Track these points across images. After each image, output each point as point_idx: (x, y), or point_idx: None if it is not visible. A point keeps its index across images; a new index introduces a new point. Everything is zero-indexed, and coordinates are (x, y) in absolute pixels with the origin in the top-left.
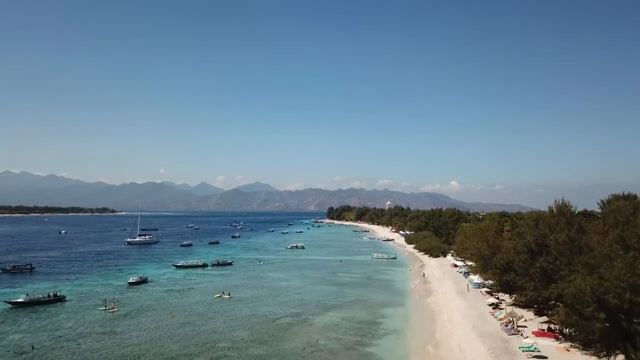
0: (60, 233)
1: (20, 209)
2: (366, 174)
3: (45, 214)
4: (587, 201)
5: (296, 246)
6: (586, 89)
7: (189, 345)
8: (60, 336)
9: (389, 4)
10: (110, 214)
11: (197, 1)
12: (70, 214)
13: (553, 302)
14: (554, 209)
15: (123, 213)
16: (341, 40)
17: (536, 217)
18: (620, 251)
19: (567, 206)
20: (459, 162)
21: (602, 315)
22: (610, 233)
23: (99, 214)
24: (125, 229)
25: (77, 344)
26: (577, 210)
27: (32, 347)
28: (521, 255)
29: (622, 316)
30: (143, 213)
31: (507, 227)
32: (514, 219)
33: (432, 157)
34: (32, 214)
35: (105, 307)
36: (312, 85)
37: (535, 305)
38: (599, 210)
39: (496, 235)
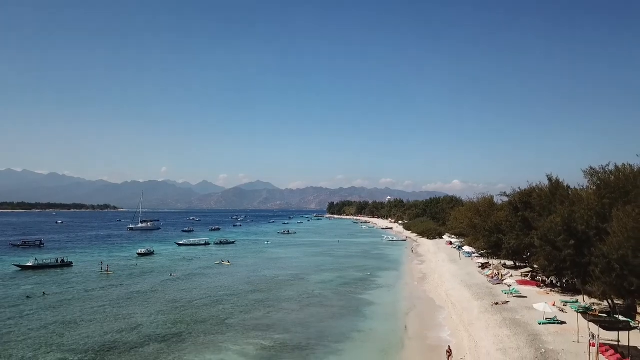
0: (57, 223)
1: (22, 205)
2: (368, 173)
3: (48, 210)
4: None
5: (288, 231)
6: (587, 89)
7: (191, 293)
8: (69, 287)
9: (392, 3)
10: (112, 210)
11: (200, 0)
12: (72, 210)
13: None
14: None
15: (124, 210)
16: (343, 39)
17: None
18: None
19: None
20: (462, 161)
21: (572, 242)
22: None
23: (101, 211)
24: (120, 221)
25: (86, 292)
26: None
27: (44, 293)
28: (508, 216)
29: (589, 243)
30: (144, 210)
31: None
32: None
33: (434, 155)
34: (34, 210)
35: (102, 269)
36: (314, 84)
37: (519, 264)
38: None
39: (489, 207)
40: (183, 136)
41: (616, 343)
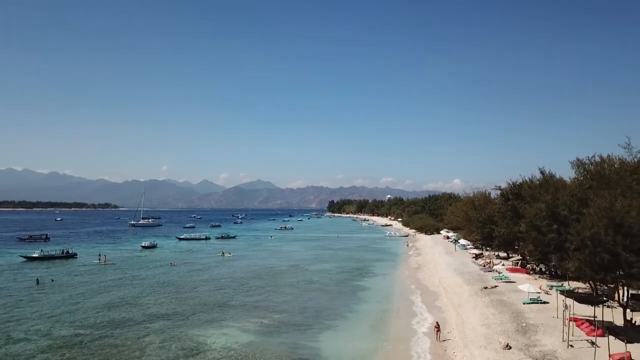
0: (56, 220)
1: (23, 204)
2: (369, 172)
3: (49, 209)
4: None
5: (285, 227)
6: (587, 88)
7: (194, 280)
8: (76, 275)
9: (392, 3)
10: (113, 209)
11: (200, 0)
12: (73, 209)
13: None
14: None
15: (125, 209)
16: (343, 39)
17: None
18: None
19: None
20: (463, 161)
21: (555, 227)
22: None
23: (102, 209)
24: (119, 218)
25: (92, 279)
26: None
27: (52, 279)
28: (501, 207)
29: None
30: (145, 209)
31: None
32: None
33: (435, 155)
34: (35, 209)
35: (99, 259)
36: (315, 84)
37: (511, 255)
38: None
39: (484, 201)
40: (183, 135)
41: (592, 318)
